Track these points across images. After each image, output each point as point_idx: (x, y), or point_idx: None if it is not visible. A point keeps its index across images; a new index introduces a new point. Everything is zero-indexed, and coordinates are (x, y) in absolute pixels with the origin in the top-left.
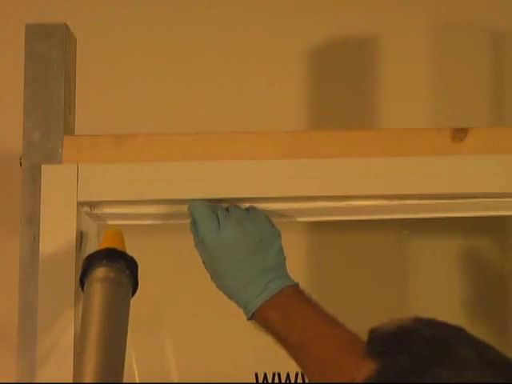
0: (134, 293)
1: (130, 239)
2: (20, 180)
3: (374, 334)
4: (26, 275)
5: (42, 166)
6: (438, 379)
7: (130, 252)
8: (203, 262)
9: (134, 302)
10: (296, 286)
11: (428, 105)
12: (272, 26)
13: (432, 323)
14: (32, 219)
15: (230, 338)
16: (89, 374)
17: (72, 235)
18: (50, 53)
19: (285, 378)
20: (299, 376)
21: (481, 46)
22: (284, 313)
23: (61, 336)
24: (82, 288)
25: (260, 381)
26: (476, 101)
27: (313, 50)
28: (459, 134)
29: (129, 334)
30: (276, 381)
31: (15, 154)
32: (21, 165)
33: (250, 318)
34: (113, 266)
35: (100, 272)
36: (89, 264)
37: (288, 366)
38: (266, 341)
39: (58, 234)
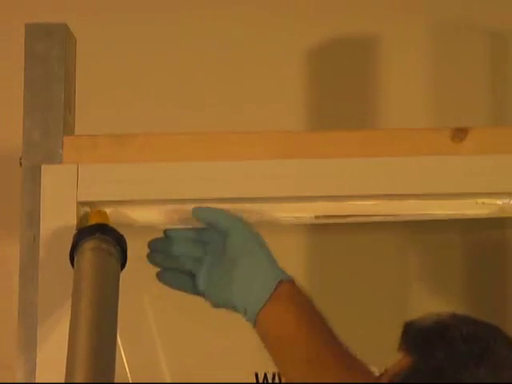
0: (121, 269)
1: (130, 239)
2: (20, 180)
3: (409, 327)
4: (26, 275)
5: (42, 166)
6: (476, 378)
7: (129, 252)
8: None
9: (134, 302)
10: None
11: (428, 105)
12: (272, 26)
13: (468, 320)
14: (32, 219)
15: (230, 338)
16: (82, 338)
17: (72, 235)
18: (50, 53)
19: None
20: None
21: (481, 45)
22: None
23: (61, 336)
24: (72, 261)
25: (260, 381)
26: (476, 101)
27: (313, 49)
28: (459, 134)
29: (128, 334)
30: (276, 381)
31: (15, 154)
32: (21, 165)
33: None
34: (105, 239)
35: (93, 243)
36: (81, 236)
37: None
38: None
39: (58, 235)
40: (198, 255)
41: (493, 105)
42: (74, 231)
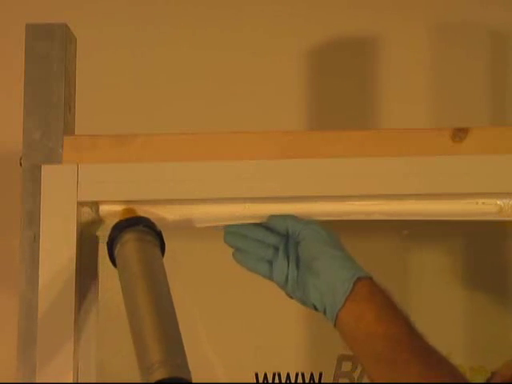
0: None
1: None
2: (20, 180)
3: None
4: (26, 275)
5: (42, 166)
6: None
7: None
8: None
9: None
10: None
11: (428, 105)
12: (272, 26)
13: None
14: (32, 219)
15: (230, 338)
16: (148, 319)
17: (72, 235)
18: (50, 53)
19: (285, 378)
20: (299, 376)
21: (481, 45)
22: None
23: (61, 335)
24: (111, 251)
25: (260, 381)
26: (476, 101)
27: (313, 49)
28: (459, 133)
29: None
30: (276, 381)
31: (15, 154)
32: (21, 165)
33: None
34: (148, 232)
35: (138, 234)
36: (123, 227)
37: (288, 366)
38: (265, 341)
39: (58, 234)
40: (275, 243)
41: (493, 105)
42: (75, 232)
